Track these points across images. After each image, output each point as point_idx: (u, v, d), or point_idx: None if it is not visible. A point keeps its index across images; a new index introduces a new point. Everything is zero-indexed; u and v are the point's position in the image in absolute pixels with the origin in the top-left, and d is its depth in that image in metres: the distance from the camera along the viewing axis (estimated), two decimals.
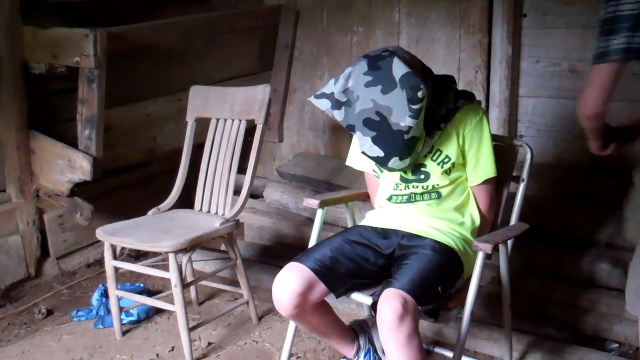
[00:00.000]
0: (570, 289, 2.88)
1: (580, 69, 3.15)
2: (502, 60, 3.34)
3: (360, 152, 2.29)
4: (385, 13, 3.69)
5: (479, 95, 3.42)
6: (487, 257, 2.18)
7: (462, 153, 2.32)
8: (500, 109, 3.38)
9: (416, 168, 2.32)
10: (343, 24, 3.86)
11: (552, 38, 3.24)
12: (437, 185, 2.31)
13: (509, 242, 2.35)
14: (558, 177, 3.29)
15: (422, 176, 2.32)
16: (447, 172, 2.31)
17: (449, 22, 3.48)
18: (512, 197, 2.51)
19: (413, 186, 2.33)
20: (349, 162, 2.56)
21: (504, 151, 2.48)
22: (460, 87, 3.37)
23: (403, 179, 2.35)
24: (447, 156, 2.30)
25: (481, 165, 2.33)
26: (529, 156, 2.49)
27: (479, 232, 2.36)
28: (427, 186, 2.32)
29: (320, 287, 2.15)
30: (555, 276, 2.96)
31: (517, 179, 2.49)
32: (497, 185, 2.44)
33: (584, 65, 3.12)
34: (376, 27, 3.74)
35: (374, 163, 2.35)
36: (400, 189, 2.35)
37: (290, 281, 2.13)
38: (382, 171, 2.39)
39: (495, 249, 2.17)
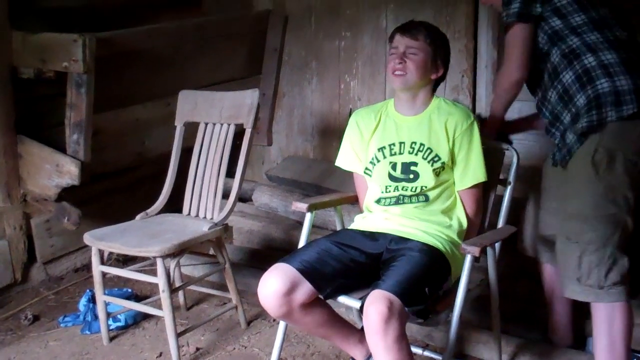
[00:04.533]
0: None
1: None
2: (488, 65, 3.38)
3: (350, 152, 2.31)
4: (373, 18, 3.71)
5: (466, 100, 3.44)
6: (475, 259, 2.19)
7: (452, 156, 2.35)
8: (487, 112, 3.39)
9: (407, 167, 2.34)
10: (331, 29, 3.88)
11: None
12: (426, 187, 2.33)
13: (497, 245, 2.37)
14: None
15: (412, 175, 2.34)
16: (437, 172, 2.33)
17: None
18: (499, 200, 2.53)
19: (402, 188, 2.35)
20: (339, 162, 2.57)
21: (491, 154, 2.50)
22: (446, 91, 3.42)
23: (392, 178, 2.37)
24: (437, 155, 2.33)
25: (471, 169, 2.36)
26: (515, 159, 2.51)
27: (466, 236, 2.38)
28: (416, 188, 2.33)
29: (306, 286, 2.14)
30: None
31: (504, 182, 2.52)
32: (485, 189, 2.46)
33: None
34: (364, 32, 3.76)
35: (367, 161, 2.38)
36: (390, 191, 2.37)
37: (274, 281, 2.12)
38: (374, 167, 2.41)
39: (483, 251, 2.19)
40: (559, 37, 2.36)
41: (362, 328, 2.41)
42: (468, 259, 2.16)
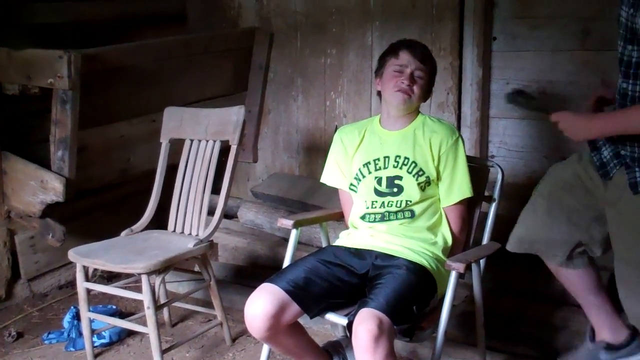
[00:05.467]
0: (543, 307, 2.91)
1: (549, 90, 3.21)
2: (473, 83, 3.40)
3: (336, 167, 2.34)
4: (358, 36, 3.73)
5: (451, 117, 3.47)
6: (460, 276, 2.20)
7: (437, 172, 2.37)
8: (472, 130, 3.43)
9: (391, 181, 2.36)
10: (317, 47, 3.90)
11: (521, 60, 3.30)
12: (411, 201, 2.34)
13: (482, 261, 2.38)
14: (529, 196, 3.33)
15: (396, 189, 2.36)
16: (422, 187, 2.35)
17: None
18: (483, 216, 2.55)
19: (388, 203, 2.36)
20: (324, 179, 2.58)
21: (476, 172, 2.52)
22: (432, 108, 3.44)
23: (378, 193, 2.38)
24: (421, 169, 2.35)
25: (457, 185, 2.38)
26: (500, 176, 2.54)
27: (450, 252, 2.39)
28: (401, 202, 2.35)
29: (294, 308, 2.15)
30: (527, 295, 2.99)
31: (489, 199, 2.54)
32: (469, 206, 2.48)
33: (552, 87, 3.19)
34: (349, 49, 3.79)
35: (352, 177, 2.40)
36: (375, 207, 2.38)
37: (263, 303, 2.12)
38: (359, 182, 2.42)
39: (468, 268, 2.20)
40: None
41: (327, 350, 2.44)
42: (453, 275, 2.17)
